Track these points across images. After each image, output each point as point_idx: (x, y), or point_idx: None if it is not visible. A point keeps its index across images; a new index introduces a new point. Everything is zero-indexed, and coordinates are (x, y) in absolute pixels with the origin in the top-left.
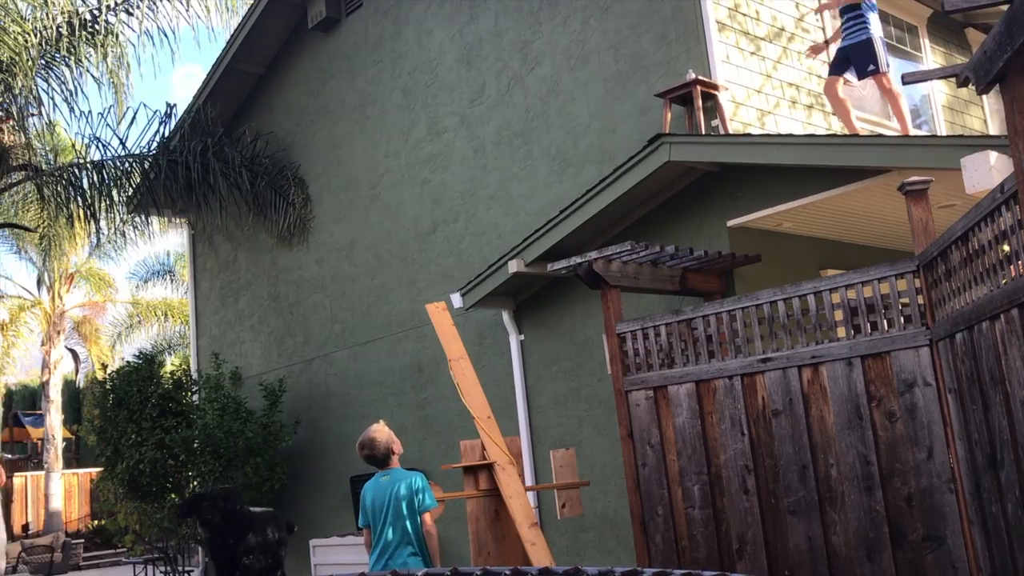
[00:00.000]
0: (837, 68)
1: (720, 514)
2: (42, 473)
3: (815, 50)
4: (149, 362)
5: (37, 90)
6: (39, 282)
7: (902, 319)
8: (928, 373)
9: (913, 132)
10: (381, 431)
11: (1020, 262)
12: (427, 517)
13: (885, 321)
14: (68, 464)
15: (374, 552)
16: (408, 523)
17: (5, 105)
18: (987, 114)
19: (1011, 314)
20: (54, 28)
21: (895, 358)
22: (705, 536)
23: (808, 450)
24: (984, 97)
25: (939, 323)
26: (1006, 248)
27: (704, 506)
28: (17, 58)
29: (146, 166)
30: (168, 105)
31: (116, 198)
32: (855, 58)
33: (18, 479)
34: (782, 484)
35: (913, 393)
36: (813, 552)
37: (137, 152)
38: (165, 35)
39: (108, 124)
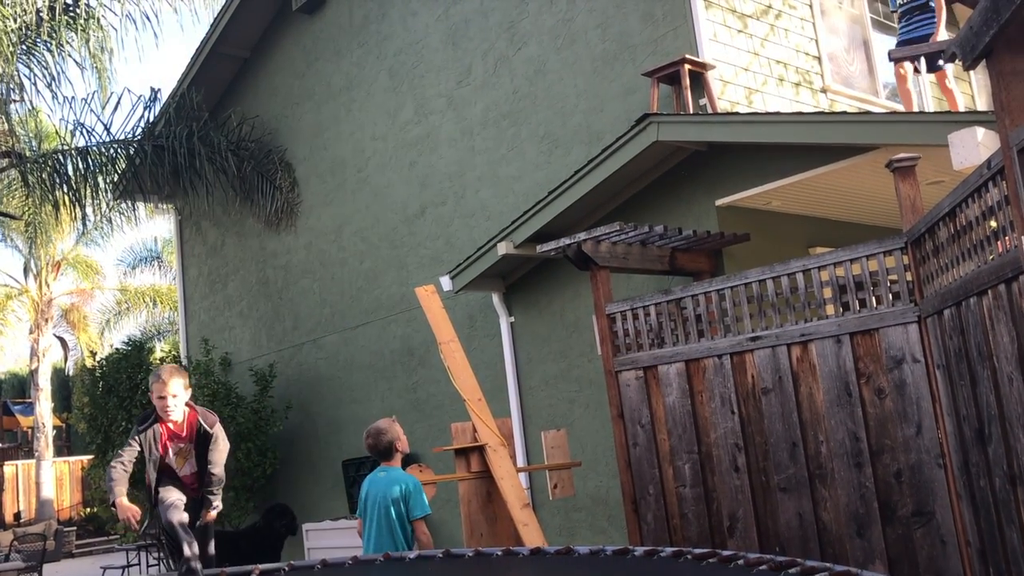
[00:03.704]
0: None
1: (711, 492)
2: (33, 461)
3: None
4: (138, 349)
5: (19, 76)
6: (26, 270)
7: (890, 296)
8: (916, 349)
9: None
10: (390, 425)
11: (1007, 238)
12: (419, 526)
13: (874, 298)
14: (59, 452)
15: (364, 545)
16: (393, 531)
17: None
18: (974, 90)
19: (998, 290)
20: (35, 12)
21: (884, 335)
22: (696, 514)
23: (798, 427)
24: (971, 73)
25: (927, 299)
26: (993, 224)
27: (695, 484)
28: None
29: (131, 152)
30: (152, 90)
31: (102, 184)
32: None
33: (9, 468)
34: (772, 461)
35: (902, 369)
36: (804, 528)
37: (122, 138)
38: (148, 18)
39: (92, 110)
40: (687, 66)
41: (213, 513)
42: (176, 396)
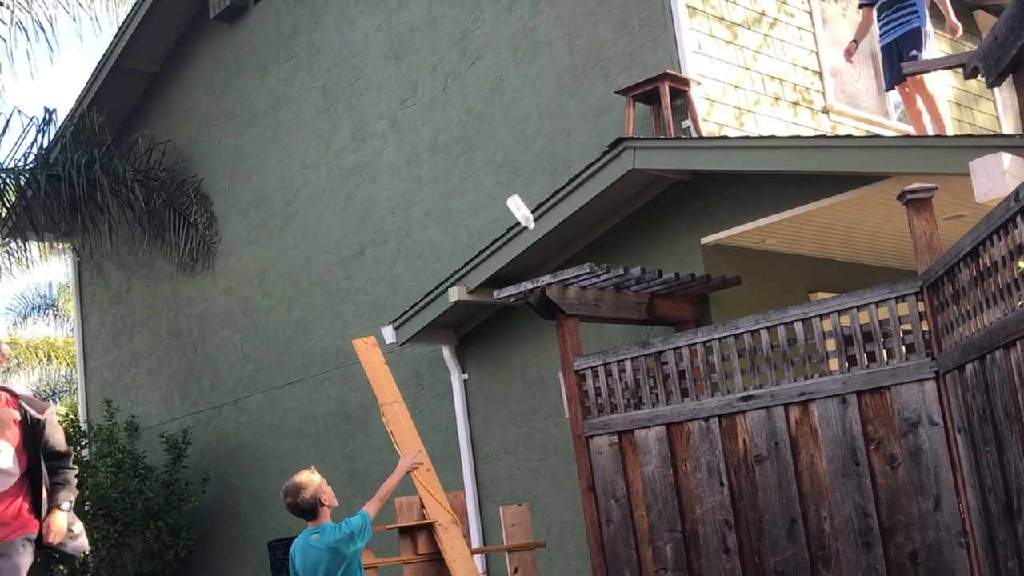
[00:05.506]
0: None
1: None
2: None
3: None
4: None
5: None
6: None
7: (904, 348)
8: (934, 410)
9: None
10: (309, 478)
11: None
12: (370, 509)
13: (884, 351)
14: None
15: None
16: None
17: None
18: (999, 110)
19: None
20: None
21: (896, 393)
22: None
23: (797, 501)
24: (996, 91)
25: (946, 352)
26: (1022, 265)
27: (678, 568)
28: None
29: (21, 182)
30: (46, 111)
31: None
32: (904, 47)
33: None
34: (768, 541)
35: (917, 434)
36: None
37: (11, 166)
38: (41, 27)
39: None
40: (668, 82)
41: (60, 521)
42: None
